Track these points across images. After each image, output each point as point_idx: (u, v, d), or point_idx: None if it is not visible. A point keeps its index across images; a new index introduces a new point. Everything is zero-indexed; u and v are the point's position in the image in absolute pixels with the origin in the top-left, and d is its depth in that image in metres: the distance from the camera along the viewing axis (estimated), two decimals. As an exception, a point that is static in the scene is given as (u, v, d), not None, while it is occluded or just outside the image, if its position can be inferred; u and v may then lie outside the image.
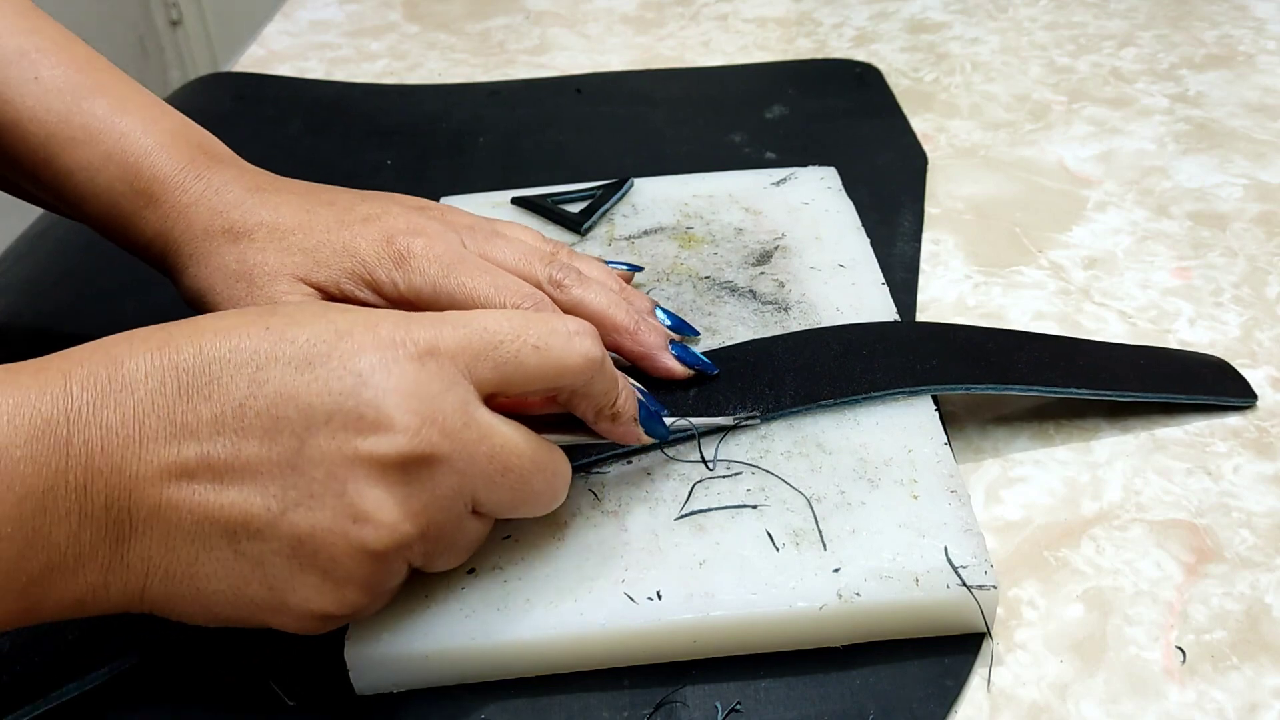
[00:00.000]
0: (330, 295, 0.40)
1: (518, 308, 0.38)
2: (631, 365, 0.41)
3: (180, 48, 2.17)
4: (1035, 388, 0.41)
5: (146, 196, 0.41)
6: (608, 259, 0.47)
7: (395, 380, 0.30)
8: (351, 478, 0.29)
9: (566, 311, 0.40)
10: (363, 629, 0.34)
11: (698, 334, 0.44)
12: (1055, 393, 0.42)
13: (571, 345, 0.32)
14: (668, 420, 0.37)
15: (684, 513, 0.37)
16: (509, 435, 0.32)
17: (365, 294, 0.40)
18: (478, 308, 0.38)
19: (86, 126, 0.41)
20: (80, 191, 0.41)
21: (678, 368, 0.41)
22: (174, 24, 2.15)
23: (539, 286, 0.40)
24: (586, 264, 0.44)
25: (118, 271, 0.56)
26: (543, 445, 0.33)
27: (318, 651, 0.35)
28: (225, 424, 0.29)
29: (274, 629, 0.31)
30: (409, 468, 0.30)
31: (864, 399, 0.40)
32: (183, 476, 0.28)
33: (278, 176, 0.43)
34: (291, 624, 0.31)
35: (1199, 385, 0.44)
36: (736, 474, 0.38)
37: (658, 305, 0.44)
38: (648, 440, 0.37)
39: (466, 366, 0.31)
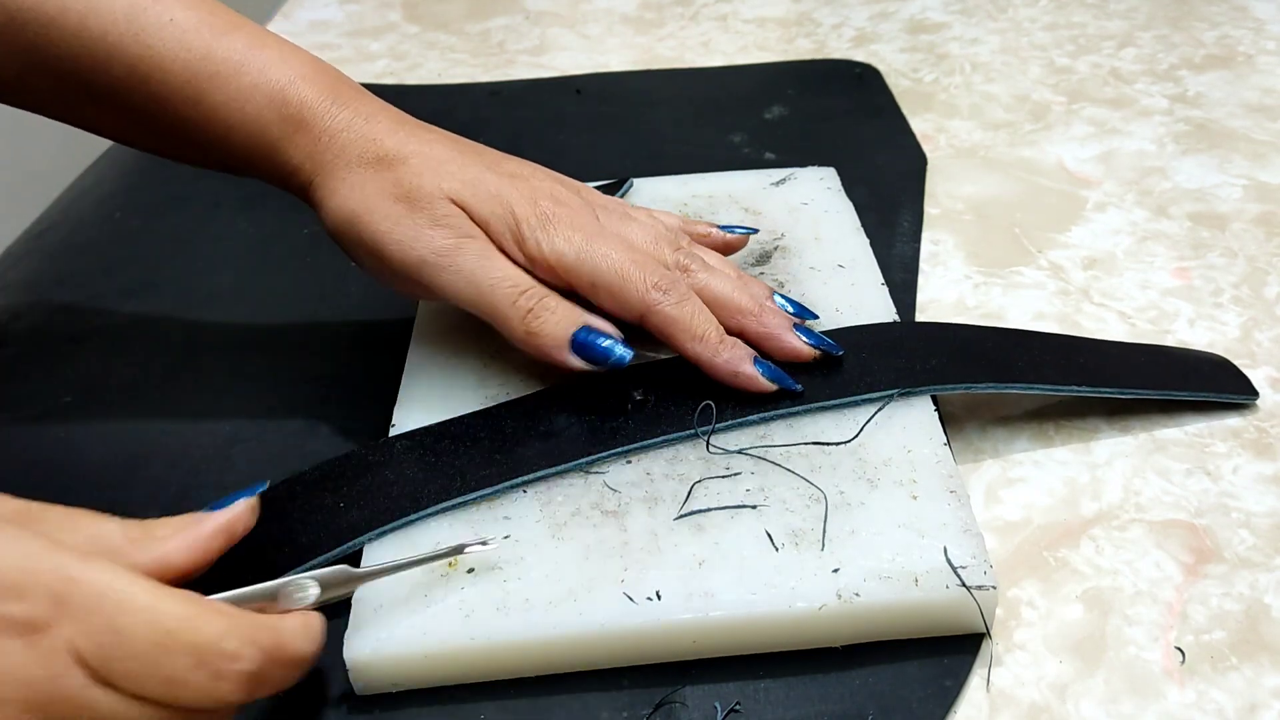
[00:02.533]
0: (481, 227, 0.40)
1: (655, 285, 0.40)
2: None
3: (180, 48, 2.16)
4: (1035, 386, 0.41)
5: (295, 122, 0.41)
6: (723, 224, 0.48)
7: None
8: None
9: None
10: (362, 629, 0.34)
11: (816, 317, 0.44)
12: (1056, 390, 0.42)
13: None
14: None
15: (683, 512, 0.37)
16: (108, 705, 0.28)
17: (508, 241, 0.40)
18: (619, 279, 0.40)
19: (229, 60, 0.41)
20: (226, 125, 0.41)
21: (804, 348, 0.41)
22: (174, 24, 2.14)
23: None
24: (707, 253, 0.45)
25: (118, 272, 0.56)
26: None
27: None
28: None
29: None
30: None
31: (864, 399, 0.40)
32: None
33: (419, 120, 0.44)
34: None
35: (1199, 382, 0.44)
36: (736, 474, 0.38)
37: (775, 292, 0.44)
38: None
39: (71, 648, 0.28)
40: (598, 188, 0.55)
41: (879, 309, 0.46)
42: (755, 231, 0.49)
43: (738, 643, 0.34)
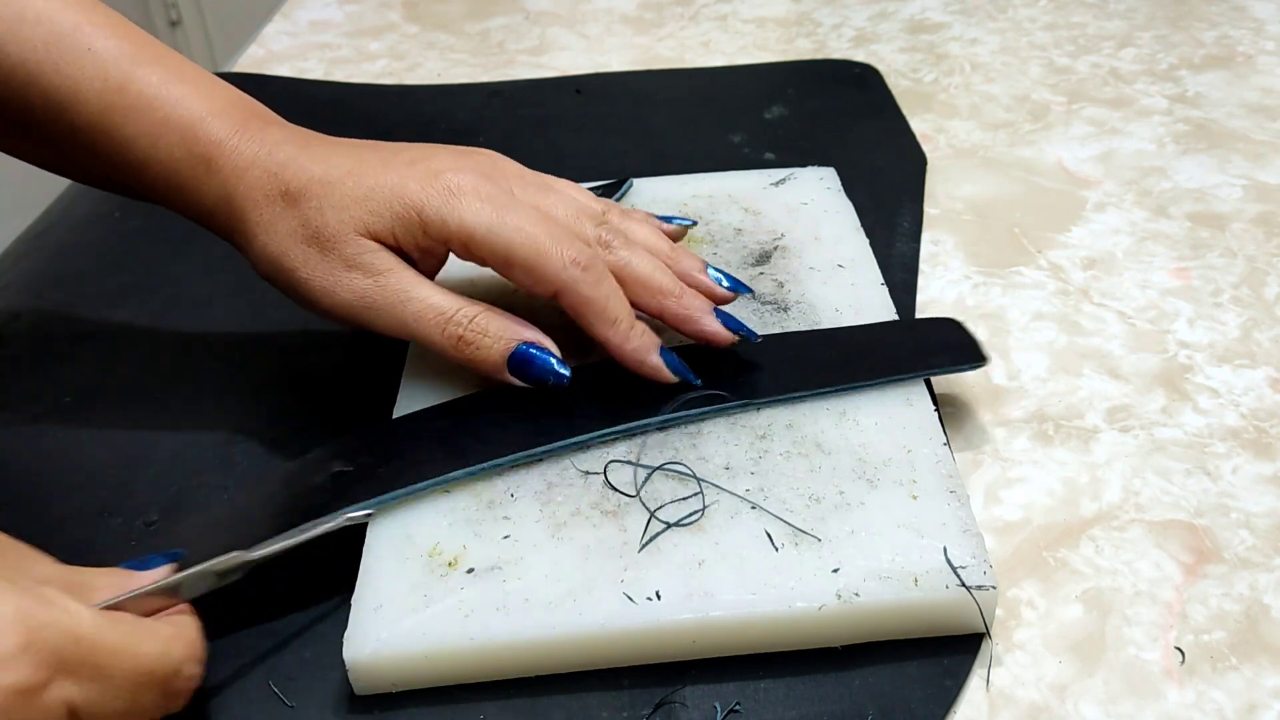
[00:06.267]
0: (388, 244, 0.40)
1: (574, 261, 0.39)
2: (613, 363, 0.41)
3: (180, 48, 2.17)
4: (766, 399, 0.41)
5: (205, 162, 0.41)
6: (660, 214, 0.47)
7: None
8: None
9: (612, 272, 0.41)
10: (362, 629, 0.34)
11: (751, 291, 0.44)
12: (790, 398, 0.41)
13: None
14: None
15: (684, 519, 0.37)
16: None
17: (420, 237, 0.39)
18: (535, 253, 0.38)
19: (143, 94, 0.41)
20: (140, 159, 0.41)
21: (722, 332, 0.41)
22: (173, 24, 2.15)
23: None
24: (635, 226, 0.44)
25: (118, 272, 0.56)
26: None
27: (318, 651, 0.35)
28: None
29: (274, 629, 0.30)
30: None
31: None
32: None
33: (329, 136, 0.43)
34: None
35: (933, 359, 0.43)
36: (734, 475, 0.38)
37: (709, 265, 0.43)
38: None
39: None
40: (596, 188, 0.55)
41: (879, 309, 0.46)
42: (694, 224, 0.47)
43: (737, 643, 0.34)
